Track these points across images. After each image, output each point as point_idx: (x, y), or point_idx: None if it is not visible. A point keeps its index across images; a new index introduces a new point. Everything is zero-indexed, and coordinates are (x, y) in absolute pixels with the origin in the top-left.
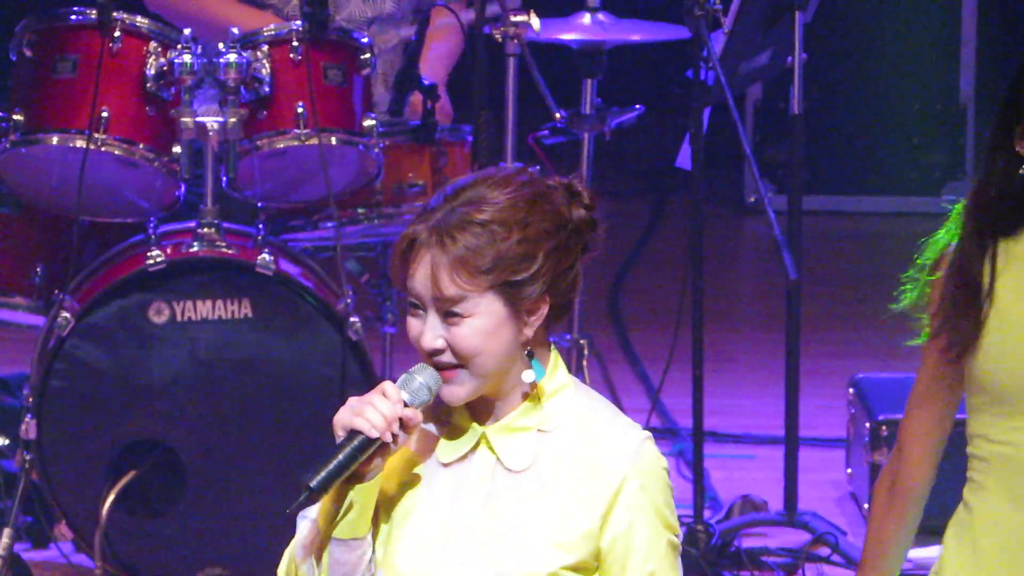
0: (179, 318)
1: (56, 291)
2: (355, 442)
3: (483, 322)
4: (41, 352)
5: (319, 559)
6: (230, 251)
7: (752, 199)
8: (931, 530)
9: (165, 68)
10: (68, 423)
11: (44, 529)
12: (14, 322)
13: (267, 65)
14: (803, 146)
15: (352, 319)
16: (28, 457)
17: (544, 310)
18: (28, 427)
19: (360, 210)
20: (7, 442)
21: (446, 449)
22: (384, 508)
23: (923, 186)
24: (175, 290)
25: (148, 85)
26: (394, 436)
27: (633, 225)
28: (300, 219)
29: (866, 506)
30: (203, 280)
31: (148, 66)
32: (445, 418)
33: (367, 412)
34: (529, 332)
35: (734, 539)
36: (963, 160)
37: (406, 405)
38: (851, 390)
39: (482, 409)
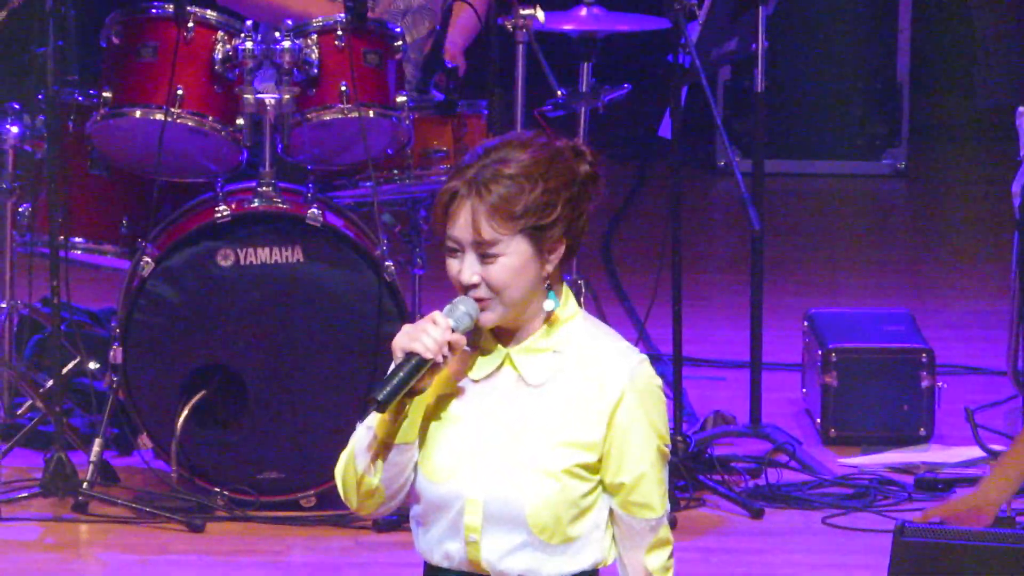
0: (242, 262)
1: (139, 240)
2: (412, 362)
3: (513, 260)
4: (126, 291)
5: (377, 461)
6: (284, 206)
7: (722, 163)
8: (876, 441)
9: (230, 53)
10: (149, 350)
11: (128, 439)
12: (104, 265)
13: (316, 50)
14: (764, 118)
15: (387, 263)
16: (115, 379)
17: (562, 250)
18: (115, 353)
19: (394, 172)
20: (98, 366)
21: (476, 368)
22: (424, 417)
23: (865, 152)
24: (239, 239)
25: (216, 67)
26: (444, 357)
27: (622, 184)
28: (343, 179)
29: (819, 420)
30: (262, 230)
31: (216, 51)
32: (475, 342)
33: (422, 337)
34: (550, 268)
35: (708, 447)
36: (900, 130)
37: (452, 331)
38: (805, 322)
39: (506, 334)
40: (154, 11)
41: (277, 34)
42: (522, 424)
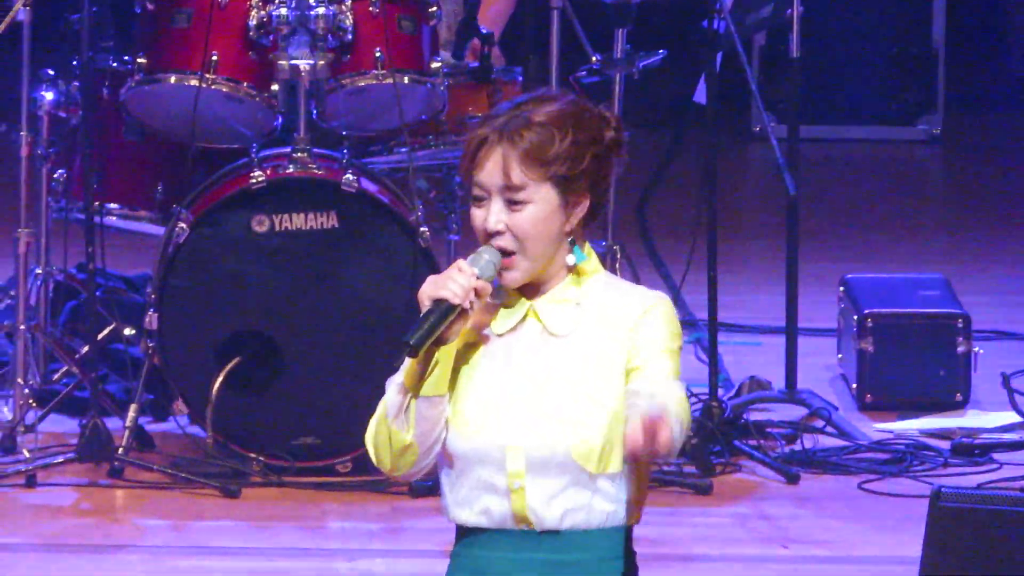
0: (277, 228)
1: (174, 205)
2: (441, 308)
3: (539, 209)
4: (161, 257)
5: (409, 416)
6: (319, 172)
7: (757, 128)
8: (912, 406)
9: (265, 19)
10: (184, 316)
11: (164, 405)
12: (139, 231)
13: (350, 17)
14: (800, 84)
15: (422, 229)
16: (151, 344)
17: (585, 204)
18: (151, 319)
19: (429, 138)
20: (133, 332)
21: (499, 321)
22: (452, 373)
23: (901, 117)
24: (273, 205)
25: (251, 33)
26: (471, 303)
27: (657, 150)
28: (378, 145)
29: (854, 386)
30: (297, 196)
31: (251, 18)
32: (497, 298)
33: (448, 284)
34: (573, 222)
35: (743, 413)
36: (935, 96)
37: (477, 278)
38: (841, 288)
39: (529, 288)
40: None
41: (311, 0)
42: (547, 374)
